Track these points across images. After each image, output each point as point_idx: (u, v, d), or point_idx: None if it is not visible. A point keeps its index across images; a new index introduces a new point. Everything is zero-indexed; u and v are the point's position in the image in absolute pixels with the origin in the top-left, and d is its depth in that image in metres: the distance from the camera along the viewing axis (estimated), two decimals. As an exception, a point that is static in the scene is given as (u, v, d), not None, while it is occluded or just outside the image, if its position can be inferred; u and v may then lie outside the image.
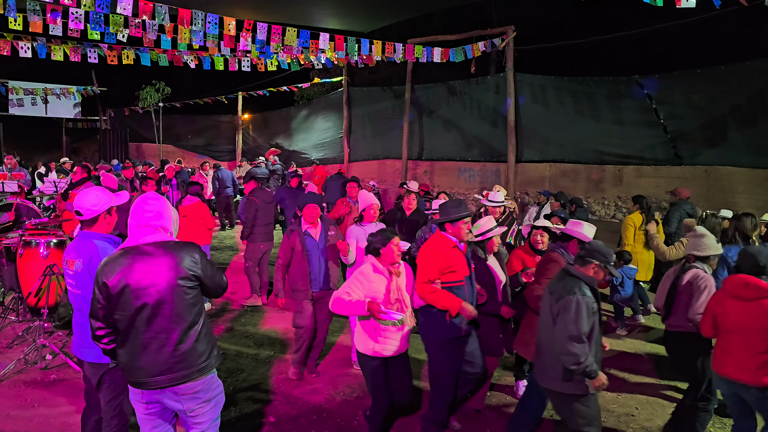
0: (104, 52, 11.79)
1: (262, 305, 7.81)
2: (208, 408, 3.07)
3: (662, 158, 10.77)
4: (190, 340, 2.95)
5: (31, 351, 5.46)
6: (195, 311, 2.99)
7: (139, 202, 3.06)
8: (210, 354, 3.04)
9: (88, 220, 3.40)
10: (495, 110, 13.28)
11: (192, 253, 3.00)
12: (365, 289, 3.96)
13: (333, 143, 18.48)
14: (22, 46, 10.83)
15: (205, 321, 3.07)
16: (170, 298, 2.89)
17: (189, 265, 2.95)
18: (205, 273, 3.02)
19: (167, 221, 3.07)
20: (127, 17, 8.73)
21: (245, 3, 12.60)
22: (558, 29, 17.70)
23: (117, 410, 3.44)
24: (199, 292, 3.02)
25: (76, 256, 3.38)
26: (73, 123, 23.83)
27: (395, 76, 19.05)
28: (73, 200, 3.61)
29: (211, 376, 3.08)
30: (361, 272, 4.04)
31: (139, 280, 2.86)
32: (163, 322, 2.90)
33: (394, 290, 3.97)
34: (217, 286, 3.15)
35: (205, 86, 22.06)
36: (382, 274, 3.99)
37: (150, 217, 3.01)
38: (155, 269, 2.88)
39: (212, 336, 3.12)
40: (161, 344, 2.91)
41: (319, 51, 10.48)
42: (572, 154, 12.16)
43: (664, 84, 10.61)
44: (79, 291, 3.39)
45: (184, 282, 2.93)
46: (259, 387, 5.25)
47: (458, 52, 11.54)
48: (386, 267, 4.02)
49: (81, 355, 3.45)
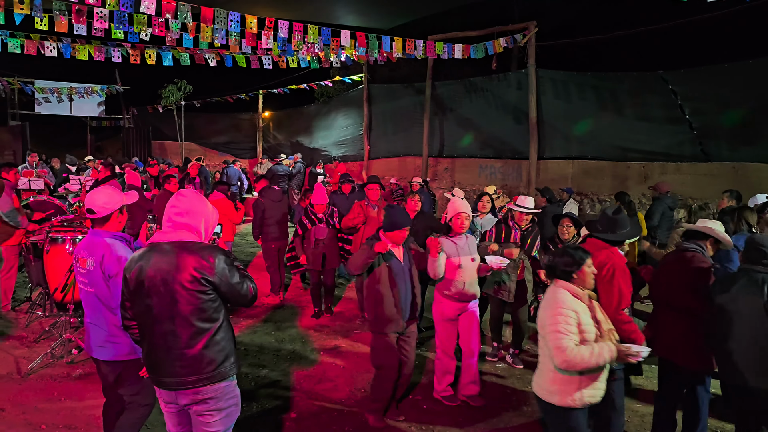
0: (128, 51, 11.93)
1: (281, 302, 7.84)
2: (218, 417, 2.94)
3: (688, 155, 10.57)
4: (198, 347, 2.83)
5: (58, 345, 5.54)
6: (206, 317, 2.85)
7: (171, 199, 2.98)
8: (222, 363, 2.90)
9: (100, 218, 3.40)
10: (516, 107, 13.17)
11: (208, 256, 2.83)
12: (575, 323, 3.21)
13: (353, 140, 18.49)
14: (47, 46, 11.00)
15: (222, 328, 2.92)
16: (178, 300, 2.80)
17: (201, 268, 2.80)
18: (221, 280, 2.84)
19: (194, 219, 2.93)
20: (151, 16, 8.83)
21: (266, 1, 12.65)
22: (580, 24, 17.46)
23: (146, 401, 3.50)
24: (213, 299, 2.87)
25: (88, 254, 3.39)
26: (97, 121, 24.21)
27: (415, 73, 18.97)
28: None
29: (226, 384, 2.94)
30: (558, 304, 3.23)
31: (152, 277, 2.83)
32: (170, 324, 2.83)
33: (603, 320, 3.32)
34: (238, 295, 2.93)
35: (226, 84, 22.21)
36: (581, 301, 3.29)
37: (175, 214, 2.92)
38: (167, 269, 2.81)
39: (228, 344, 2.95)
40: (169, 346, 2.85)
41: (340, 48, 10.49)
42: (595, 151, 12.00)
43: (690, 79, 10.41)
44: (91, 289, 3.40)
45: (193, 285, 2.79)
46: (280, 383, 5.27)
47: (479, 48, 11.46)
48: (584, 292, 3.35)
49: (95, 353, 3.48)
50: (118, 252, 3.33)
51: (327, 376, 5.44)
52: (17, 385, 5.00)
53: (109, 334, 3.41)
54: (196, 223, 2.93)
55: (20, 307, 7.02)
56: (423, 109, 14.86)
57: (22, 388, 4.92)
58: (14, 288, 7.12)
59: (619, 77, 11.48)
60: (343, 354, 6.03)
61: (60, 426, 4.28)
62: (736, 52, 11.22)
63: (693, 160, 10.48)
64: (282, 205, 7.99)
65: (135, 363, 3.41)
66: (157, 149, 23.30)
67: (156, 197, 8.46)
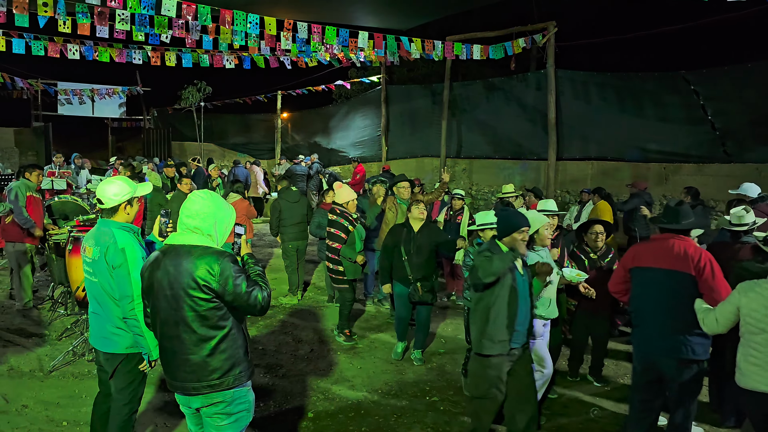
0: (148, 53, 12.08)
1: (298, 302, 7.88)
2: (226, 421, 2.90)
3: (710, 156, 10.42)
4: (202, 354, 2.79)
5: (80, 343, 5.61)
6: (210, 324, 2.79)
7: (185, 201, 2.94)
8: (228, 372, 2.83)
9: (109, 209, 3.41)
10: (535, 107, 13.08)
11: (212, 264, 2.73)
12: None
13: (371, 141, 18.50)
14: (70, 49, 11.18)
15: (229, 337, 2.84)
16: (181, 305, 2.77)
17: (203, 276, 2.72)
18: (224, 289, 2.74)
19: (205, 222, 2.86)
20: (171, 18, 8.92)
21: (284, 3, 12.70)
22: (600, 24, 17.32)
23: (129, 398, 3.45)
24: (218, 306, 2.79)
25: (94, 243, 3.39)
26: (118, 122, 24.51)
27: (433, 73, 18.97)
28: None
29: (234, 390, 2.89)
30: None
31: (160, 280, 2.82)
32: (175, 329, 2.81)
33: None
34: (244, 304, 2.80)
35: (245, 85, 22.38)
36: None
37: (186, 217, 2.87)
38: (173, 272, 2.77)
39: (236, 353, 2.86)
40: (175, 350, 2.84)
41: (358, 49, 10.52)
42: (615, 152, 11.88)
43: (713, 79, 10.27)
44: (96, 279, 3.39)
45: (195, 293, 2.74)
46: (297, 383, 5.28)
47: (498, 48, 11.41)
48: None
49: (96, 344, 3.48)
50: (124, 242, 3.32)
51: (344, 376, 5.44)
52: (40, 382, 5.08)
53: (114, 326, 3.39)
54: (206, 226, 2.86)
55: (42, 306, 7.13)
56: (441, 109, 14.82)
57: (45, 386, 5.00)
58: (37, 287, 7.24)
59: (640, 77, 11.35)
60: (361, 354, 6.03)
61: (81, 423, 4.34)
62: (760, 52, 11.05)
63: (715, 161, 10.33)
64: (300, 206, 8.00)
65: (135, 356, 3.41)
66: (176, 150, 23.52)
67: (171, 197, 8.58)
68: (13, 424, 4.32)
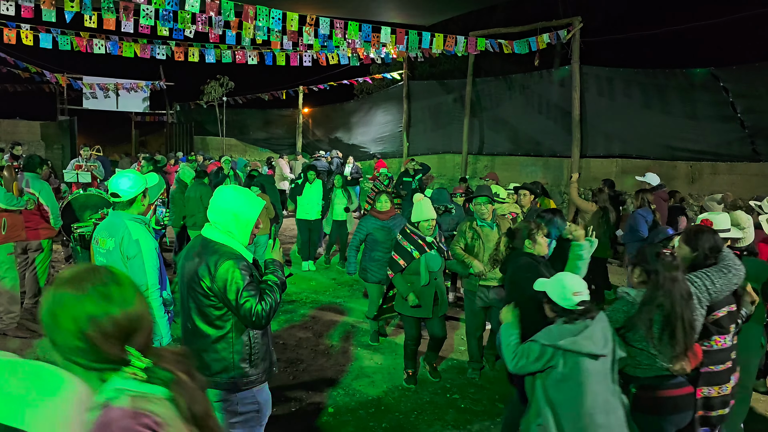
0: (172, 49, 12.18)
1: (318, 296, 7.89)
2: (232, 419, 2.89)
3: (739, 154, 10.20)
4: (196, 345, 2.82)
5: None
6: (208, 321, 2.80)
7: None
8: (217, 374, 2.80)
9: (126, 201, 3.49)
10: (558, 104, 12.92)
11: (216, 263, 2.73)
12: None
13: (392, 137, 18.46)
14: (96, 43, 11.31)
15: (226, 339, 2.81)
16: (188, 295, 2.87)
17: (203, 273, 2.74)
18: (219, 291, 2.72)
19: (223, 217, 2.86)
20: (195, 14, 8.98)
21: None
22: (626, 20, 17.08)
23: None
24: (217, 306, 2.78)
25: (108, 235, 3.47)
26: (141, 117, 24.82)
27: (456, 69, 18.85)
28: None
29: (236, 394, 2.86)
30: None
31: (183, 266, 2.95)
32: (183, 315, 2.95)
33: None
34: (237, 313, 2.74)
35: (267, 81, 22.49)
36: None
37: (209, 211, 2.93)
38: (190, 262, 2.86)
39: (230, 357, 2.81)
40: (185, 335, 2.98)
41: (380, 45, 10.49)
42: (640, 150, 11.69)
43: (743, 76, 10.03)
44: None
45: (197, 287, 2.78)
46: (318, 378, 5.28)
47: (522, 44, 11.29)
48: None
49: None
50: (137, 234, 3.41)
51: (364, 372, 5.43)
52: (64, 372, 5.14)
53: None
54: (224, 221, 2.86)
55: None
56: (463, 105, 14.72)
57: (69, 376, 5.06)
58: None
59: (667, 74, 11.14)
60: (381, 350, 6.01)
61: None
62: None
63: (744, 159, 10.11)
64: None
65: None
66: (198, 144, 23.74)
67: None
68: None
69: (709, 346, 2.99)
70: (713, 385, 2.98)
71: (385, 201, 6.22)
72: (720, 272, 3.00)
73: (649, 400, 2.87)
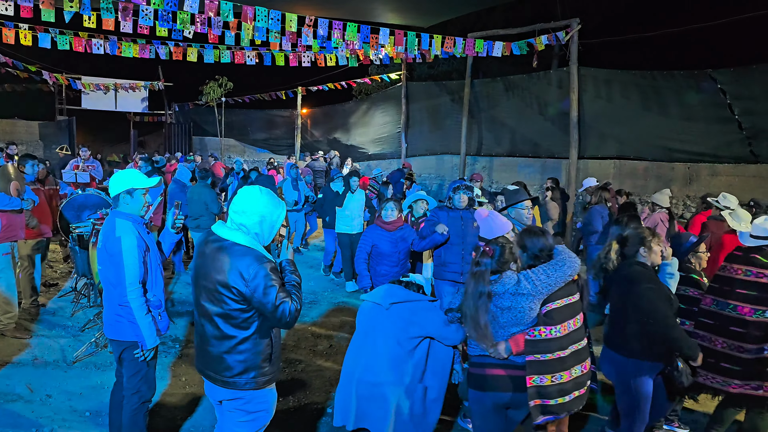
0: (171, 49, 12.19)
1: (318, 297, 7.91)
2: (242, 417, 2.95)
3: (736, 156, 10.26)
4: (220, 350, 2.83)
5: (102, 334, 5.67)
6: (234, 324, 2.79)
7: (237, 194, 2.95)
8: (240, 374, 2.84)
9: (113, 198, 3.51)
10: (557, 105, 12.96)
11: (247, 268, 2.71)
12: None
13: (390, 138, 18.48)
14: (95, 44, 11.31)
15: (251, 340, 2.82)
16: (209, 298, 2.81)
17: (235, 278, 2.71)
18: (253, 295, 2.72)
19: (249, 219, 2.82)
20: (193, 14, 8.99)
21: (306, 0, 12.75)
22: (625, 21, 17.11)
23: (137, 387, 3.49)
24: (245, 309, 2.78)
25: (102, 234, 3.50)
26: (140, 117, 24.80)
27: (454, 71, 18.88)
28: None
29: (254, 392, 2.91)
30: None
31: (200, 266, 2.88)
32: (202, 318, 2.89)
33: None
34: (271, 315, 2.76)
35: (265, 82, 22.48)
36: None
37: (233, 212, 2.86)
38: (211, 264, 2.79)
39: (254, 358, 2.85)
40: (201, 335, 2.94)
41: (379, 46, 10.51)
42: (638, 151, 11.74)
43: (740, 78, 10.09)
44: (101, 267, 3.49)
45: (225, 290, 2.74)
46: (316, 378, 5.29)
47: (521, 45, 11.31)
48: None
49: (105, 331, 3.58)
50: (121, 231, 3.36)
51: (363, 373, 5.43)
52: (63, 372, 5.15)
53: (115, 313, 3.45)
54: (251, 223, 2.83)
55: (65, 296, 7.23)
56: (461, 107, 14.75)
57: (68, 376, 5.07)
58: (59, 278, 7.28)
59: (665, 76, 11.18)
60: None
61: (103, 413, 4.38)
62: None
63: (741, 161, 10.17)
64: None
65: (136, 345, 3.45)
66: (197, 145, 23.73)
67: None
68: (37, 413, 4.38)
69: (533, 336, 3.05)
70: (545, 374, 3.02)
71: (391, 210, 5.75)
72: (554, 266, 3.11)
73: (472, 376, 3.25)
